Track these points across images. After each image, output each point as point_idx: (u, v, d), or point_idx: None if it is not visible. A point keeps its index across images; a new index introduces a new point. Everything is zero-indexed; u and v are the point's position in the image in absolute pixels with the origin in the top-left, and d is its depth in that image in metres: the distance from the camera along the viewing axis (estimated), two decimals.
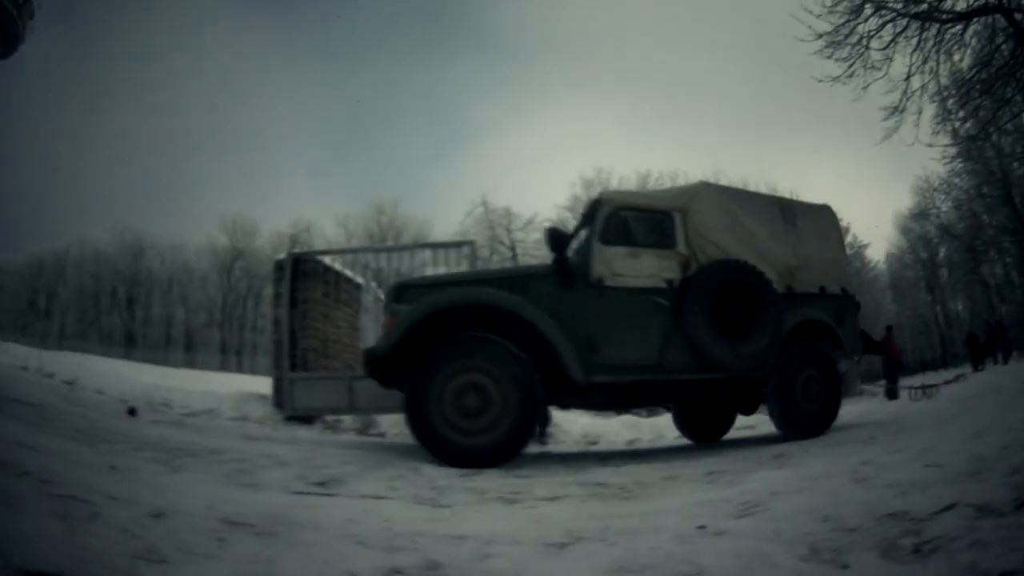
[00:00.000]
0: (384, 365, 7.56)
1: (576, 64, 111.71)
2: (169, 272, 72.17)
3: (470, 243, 14.04)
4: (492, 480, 5.97)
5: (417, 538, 3.30)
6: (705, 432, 10.80)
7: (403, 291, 8.29)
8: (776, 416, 8.92)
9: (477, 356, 7.17)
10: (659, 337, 8.07)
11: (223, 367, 55.99)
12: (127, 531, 2.93)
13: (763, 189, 44.79)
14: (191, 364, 53.68)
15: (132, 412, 10.33)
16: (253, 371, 50.10)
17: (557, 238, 8.09)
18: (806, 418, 8.85)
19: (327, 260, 14.58)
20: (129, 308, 72.60)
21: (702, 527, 3.27)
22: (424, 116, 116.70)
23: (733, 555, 2.82)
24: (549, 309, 7.67)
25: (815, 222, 9.88)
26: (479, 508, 4.60)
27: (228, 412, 12.33)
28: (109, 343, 64.47)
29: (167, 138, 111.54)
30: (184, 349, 66.01)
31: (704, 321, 8.06)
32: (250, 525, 3.34)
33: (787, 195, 40.88)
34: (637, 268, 8.19)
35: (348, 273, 15.01)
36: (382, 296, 13.35)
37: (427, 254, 13.68)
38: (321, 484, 5.44)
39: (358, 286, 14.88)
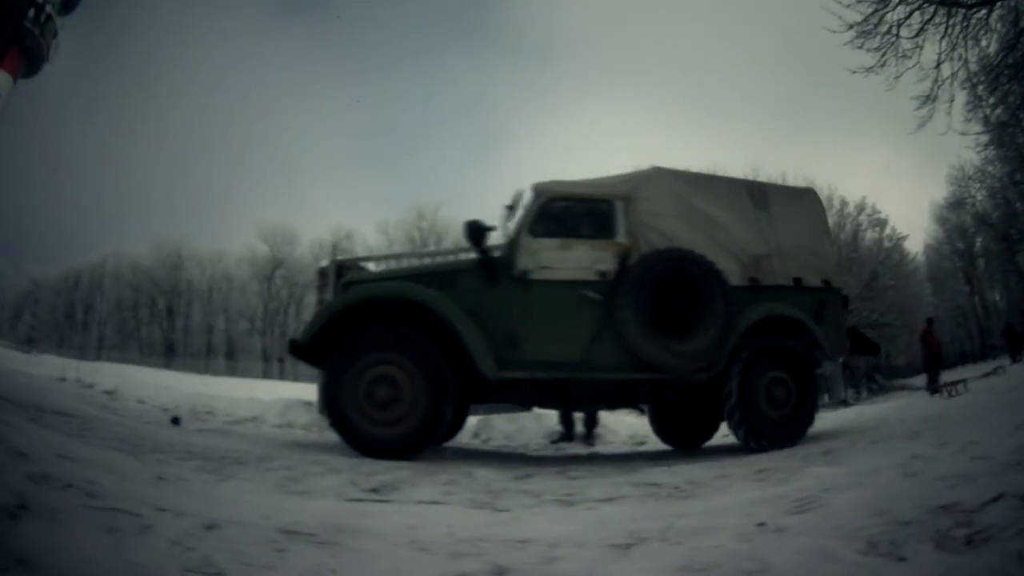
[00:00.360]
0: (307, 353, 7.93)
1: (607, 60, 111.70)
2: (209, 281, 72.94)
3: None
4: (546, 482, 5.99)
5: (480, 543, 3.29)
6: (685, 437, 10.22)
7: (349, 285, 8.58)
8: (733, 424, 8.18)
9: (391, 350, 7.42)
10: (587, 333, 7.87)
11: (265, 375, 56.21)
12: (180, 544, 2.96)
13: (801, 182, 44.75)
14: (233, 372, 53.91)
15: (176, 421, 10.33)
16: (295, 378, 50.18)
17: (477, 231, 7.89)
18: (771, 427, 8.07)
19: (371, 266, 14.26)
20: (169, 318, 73.32)
21: (761, 524, 3.28)
22: (457, 118, 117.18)
23: (795, 551, 2.82)
24: (473, 304, 7.76)
25: (793, 207, 9.24)
26: (538, 511, 4.59)
27: (273, 419, 12.50)
28: (149, 353, 65.21)
29: (201, 150, 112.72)
30: (225, 357, 66.38)
31: (633, 315, 7.74)
32: (309, 534, 3.35)
33: (823, 188, 39.85)
34: (567, 260, 8.02)
35: None
36: None
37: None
38: (375, 491, 5.38)
39: None
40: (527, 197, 8.36)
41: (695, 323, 7.90)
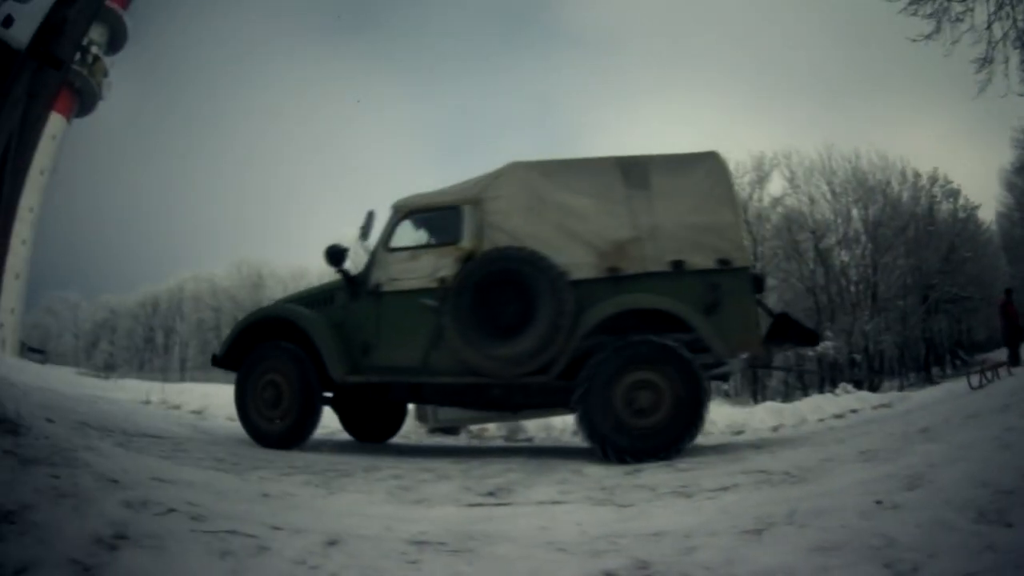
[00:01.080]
0: (225, 364, 9.11)
1: (669, 49, 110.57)
2: None
3: None
4: (657, 476, 5.98)
5: (616, 539, 3.34)
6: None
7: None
8: (586, 432, 7.50)
9: (273, 359, 8.55)
10: (426, 339, 8.11)
11: None
12: (303, 563, 3.02)
13: (874, 158, 44.13)
14: None
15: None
16: None
17: (334, 255, 8.52)
18: (635, 438, 7.23)
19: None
20: None
21: (879, 502, 3.35)
22: (528, 118, 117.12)
23: (915, 525, 2.96)
24: (341, 318, 8.61)
25: (683, 179, 8.28)
26: (660, 504, 4.60)
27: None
28: None
29: (274, 172, 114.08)
30: None
31: (452, 320, 7.83)
32: (439, 544, 3.41)
33: (895, 162, 39.08)
34: (413, 270, 8.35)
35: None
36: None
37: None
38: (491, 495, 5.39)
39: None
40: (377, 217, 8.83)
41: (523, 325, 7.65)
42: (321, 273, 64.55)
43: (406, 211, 8.66)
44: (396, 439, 11.01)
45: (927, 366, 44.72)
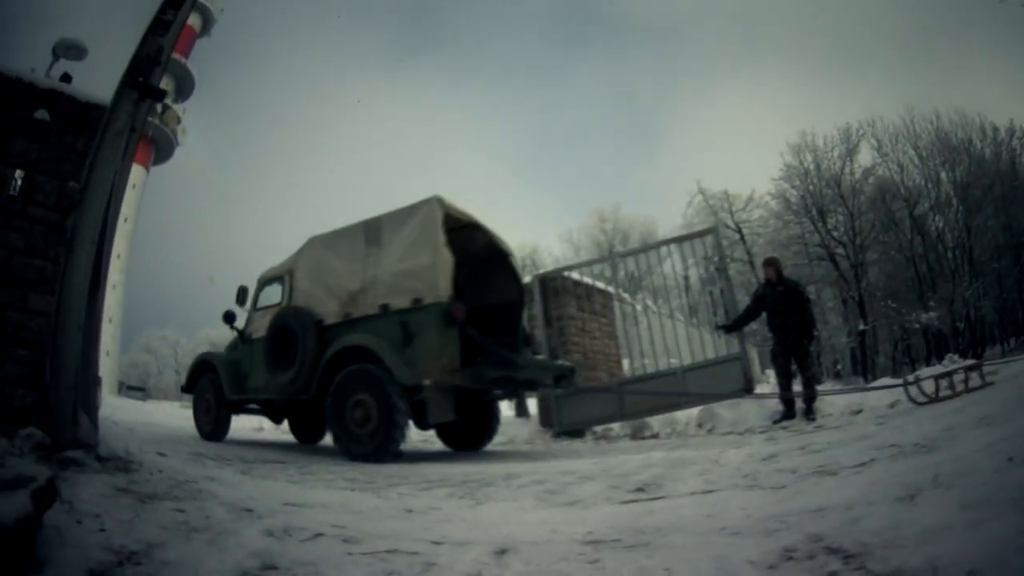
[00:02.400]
0: (187, 390, 13.05)
1: (737, 31, 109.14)
2: None
3: (712, 230, 14.15)
4: (793, 459, 6.10)
5: (783, 519, 3.49)
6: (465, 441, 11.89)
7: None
8: (332, 437, 9.95)
9: (205, 385, 12.43)
10: (263, 371, 11.03)
11: None
12: (479, 574, 3.04)
13: (954, 116, 43.31)
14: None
15: (398, 454, 10.74)
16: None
17: (227, 317, 12.14)
18: (356, 442, 9.32)
19: (575, 275, 15.00)
20: None
21: (1011, 459, 3.58)
22: (611, 118, 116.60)
23: None
24: (239, 356, 12.25)
25: (404, 230, 10.00)
26: (810, 482, 4.74)
27: (494, 438, 12.48)
28: None
29: (351, 193, 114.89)
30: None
31: (261, 357, 11.12)
32: (613, 541, 3.49)
33: (974, 119, 38.40)
34: (261, 324, 11.61)
35: (599, 285, 15.49)
36: (627, 301, 14.34)
37: (671, 248, 13.99)
38: (640, 490, 5.44)
39: (608, 295, 15.47)
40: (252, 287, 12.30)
41: (292, 359, 10.39)
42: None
43: (264, 281, 12.20)
44: (523, 447, 11.30)
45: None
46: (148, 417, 17.69)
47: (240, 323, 12.27)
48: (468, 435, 11.67)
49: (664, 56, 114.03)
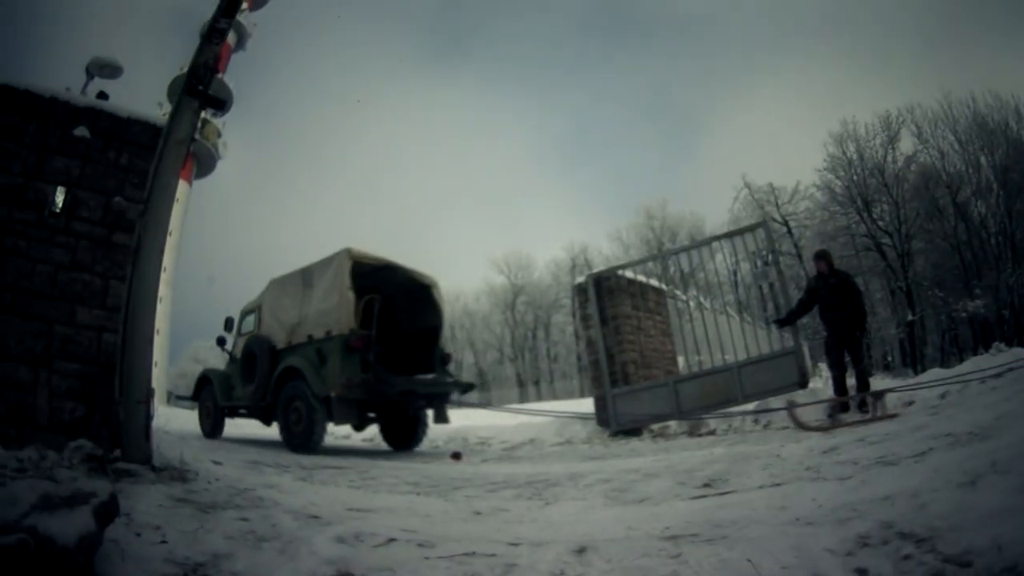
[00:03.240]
0: (194, 398, 15.42)
1: (771, 23, 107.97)
2: (450, 320, 73.36)
3: (762, 224, 14.14)
4: (853, 451, 6.26)
5: (854, 507, 3.65)
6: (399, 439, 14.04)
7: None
8: (280, 432, 12.29)
9: (205, 394, 14.76)
10: (240, 384, 13.69)
11: (522, 399, 56.29)
12: (562, 573, 3.09)
13: (990, 99, 42.86)
14: (487, 403, 54.31)
15: (456, 456, 11.18)
16: (554, 397, 50.33)
17: (220, 341, 14.88)
18: (295, 436, 11.77)
19: (629, 273, 15.13)
20: None
21: None
22: (650, 114, 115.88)
23: None
24: (229, 371, 14.49)
25: (326, 275, 12.49)
26: (874, 473, 4.87)
27: (551, 439, 13.05)
28: None
29: (403, 202, 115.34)
30: (478, 390, 66.77)
31: (236, 373, 13.88)
32: (692, 535, 3.57)
33: (1009, 97, 37.92)
34: (239, 347, 14.25)
35: (653, 282, 15.69)
36: (681, 298, 15.15)
37: (721, 244, 14.28)
38: (707, 486, 5.56)
39: (662, 292, 15.59)
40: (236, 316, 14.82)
41: (254, 375, 13.03)
42: (476, 292, 63.05)
43: (244, 313, 14.72)
44: (582, 447, 11.57)
45: None
46: (197, 427, 17.81)
47: (230, 346, 14.94)
48: (402, 437, 13.88)
49: (699, 48, 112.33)
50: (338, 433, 15.86)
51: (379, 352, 12.10)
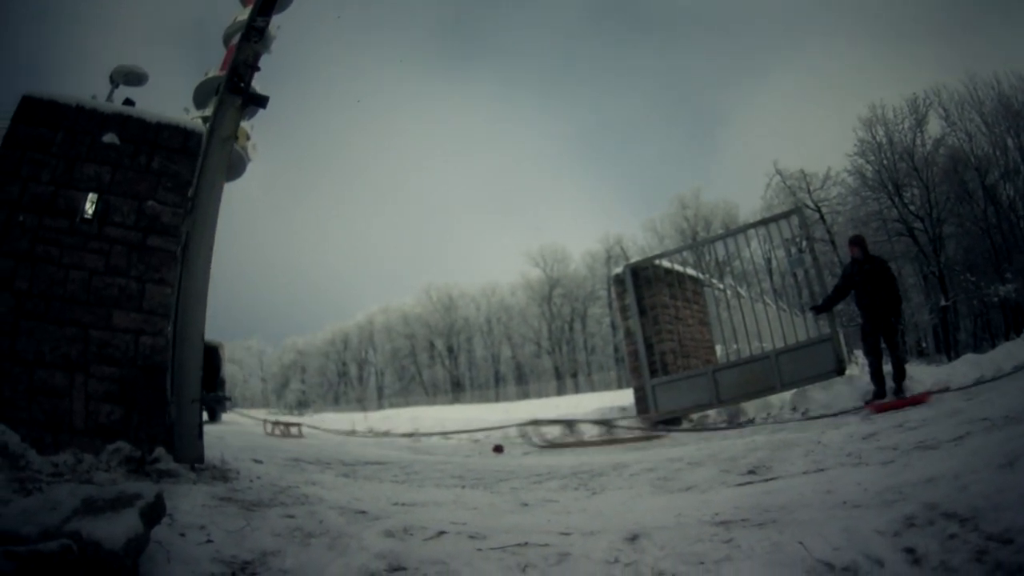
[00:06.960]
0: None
1: (786, 11, 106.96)
2: (486, 314, 74.64)
3: (796, 210, 14.24)
4: (892, 437, 6.36)
5: (898, 490, 3.75)
6: None
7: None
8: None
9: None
10: None
11: (560, 391, 56.42)
12: (617, 561, 3.13)
13: (1013, 81, 42.37)
14: (526, 395, 54.17)
15: (498, 449, 11.18)
16: (592, 388, 50.33)
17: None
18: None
19: (665, 263, 15.13)
20: (450, 356, 75.31)
21: None
22: (671, 106, 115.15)
23: None
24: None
25: None
26: (915, 457, 4.97)
27: (591, 429, 12.91)
28: (435, 393, 68.14)
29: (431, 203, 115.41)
30: (516, 383, 67.10)
31: None
32: (742, 520, 3.63)
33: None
34: None
35: (690, 271, 15.74)
36: (718, 287, 15.44)
37: (757, 231, 14.41)
38: (752, 472, 5.64)
39: (699, 281, 15.74)
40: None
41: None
42: (512, 286, 63.54)
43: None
44: (621, 432, 11.63)
45: None
46: (238, 426, 18.17)
47: None
48: None
49: (722, 36, 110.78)
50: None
51: None
